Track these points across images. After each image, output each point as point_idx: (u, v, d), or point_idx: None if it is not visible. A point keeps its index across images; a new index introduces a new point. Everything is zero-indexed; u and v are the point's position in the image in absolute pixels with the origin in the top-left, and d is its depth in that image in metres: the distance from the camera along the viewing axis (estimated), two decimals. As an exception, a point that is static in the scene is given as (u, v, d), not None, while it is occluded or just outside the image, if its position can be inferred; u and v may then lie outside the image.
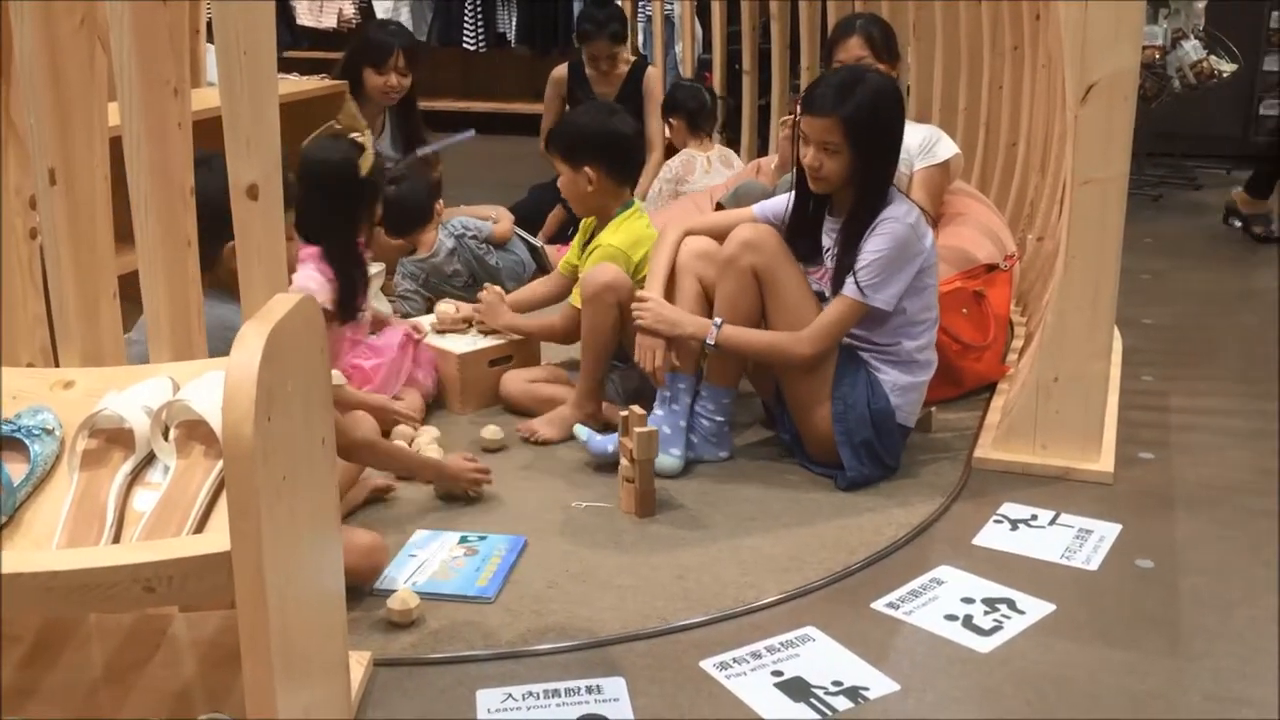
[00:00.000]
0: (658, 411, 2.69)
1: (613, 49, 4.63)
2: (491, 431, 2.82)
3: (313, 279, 2.73)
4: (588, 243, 3.11)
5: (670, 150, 4.59)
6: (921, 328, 2.61)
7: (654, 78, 4.73)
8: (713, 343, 2.59)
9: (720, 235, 2.68)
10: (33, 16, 1.69)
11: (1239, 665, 1.96)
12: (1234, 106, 5.93)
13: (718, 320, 2.58)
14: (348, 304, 2.81)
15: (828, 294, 2.62)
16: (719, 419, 2.72)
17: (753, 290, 2.59)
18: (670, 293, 2.70)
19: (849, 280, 2.52)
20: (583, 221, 3.20)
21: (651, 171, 4.64)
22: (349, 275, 2.81)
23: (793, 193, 2.67)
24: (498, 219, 4.01)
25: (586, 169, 3.00)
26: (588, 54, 4.67)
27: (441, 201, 3.91)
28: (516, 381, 3.04)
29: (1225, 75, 5.46)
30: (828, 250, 2.64)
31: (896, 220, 2.52)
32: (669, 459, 2.64)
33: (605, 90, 4.70)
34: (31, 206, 1.85)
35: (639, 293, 2.67)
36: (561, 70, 4.84)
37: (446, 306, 3.29)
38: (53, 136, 1.75)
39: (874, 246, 2.51)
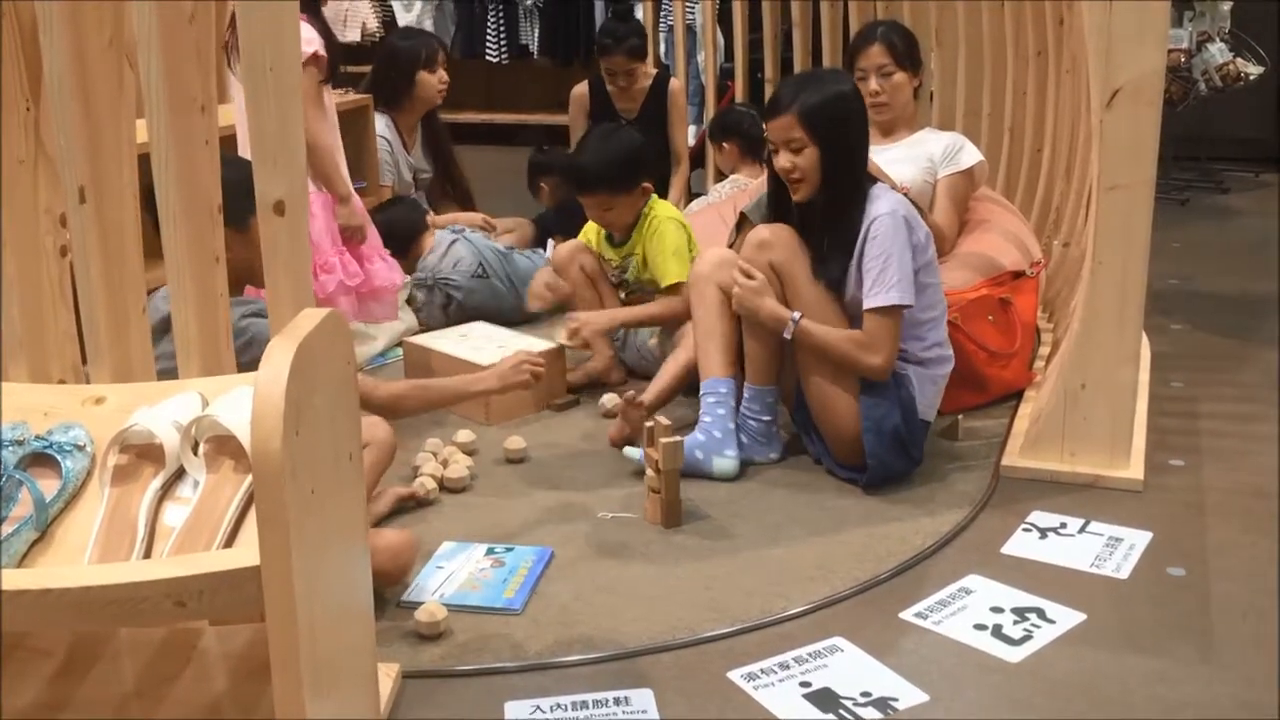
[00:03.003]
0: (705, 417, 2.70)
1: (630, 64, 4.59)
2: (515, 442, 2.83)
3: (302, 26, 2.89)
4: (621, 242, 3.27)
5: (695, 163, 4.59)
6: (926, 328, 2.61)
7: (677, 90, 4.72)
8: (789, 336, 2.59)
9: None
10: (62, 35, 1.71)
11: (1271, 673, 1.94)
12: (1261, 109, 5.88)
13: (795, 315, 2.58)
14: (332, 58, 2.98)
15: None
16: (765, 419, 2.73)
17: (775, 286, 2.61)
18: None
19: (875, 293, 2.51)
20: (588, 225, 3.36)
21: (680, 184, 4.65)
22: (325, 26, 3.00)
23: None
24: (514, 228, 4.07)
25: (642, 186, 3.20)
26: (605, 69, 4.65)
27: (431, 213, 3.99)
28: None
29: (1252, 78, 5.41)
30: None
31: (885, 215, 2.52)
32: (725, 461, 2.67)
33: (628, 105, 4.70)
34: (62, 224, 1.87)
35: (749, 269, 2.63)
36: (582, 88, 4.83)
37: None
38: (82, 155, 1.77)
39: (875, 252, 2.51)
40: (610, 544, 2.41)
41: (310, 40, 2.91)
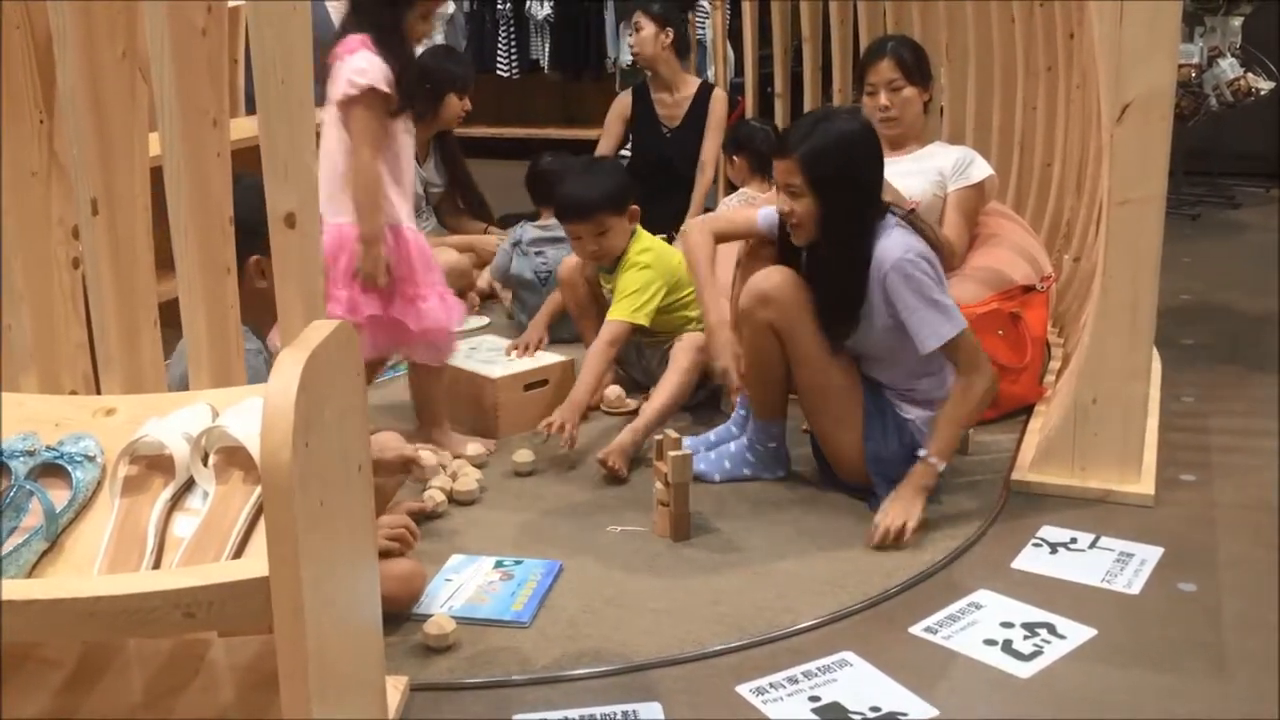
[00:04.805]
0: (727, 446, 2.80)
1: (641, 21, 4.65)
2: (524, 455, 2.83)
3: (366, 59, 2.68)
4: (612, 269, 3.25)
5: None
6: (936, 364, 2.56)
7: (719, 100, 4.76)
8: (943, 468, 2.50)
9: (739, 236, 2.78)
10: (75, 49, 1.72)
11: (1285, 690, 1.93)
12: (1272, 124, 5.86)
13: (922, 453, 2.49)
14: (404, 88, 2.74)
15: None
16: (772, 445, 2.74)
17: (772, 340, 2.59)
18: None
19: (928, 337, 2.44)
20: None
21: (700, 193, 4.67)
22: (401, 59, 2.73)
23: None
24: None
25: (631, 208, 3.20)
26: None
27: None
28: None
29: (1263, 93, 5.41)
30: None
31: (893, 273, 2.43)
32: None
33: (672, 113, 4.74)
34: (74, 236, 1.88)
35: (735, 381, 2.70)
36: (625, 95, 4.91)
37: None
38: (95, 167, 1.78)
39: (902, 305, 2.45)
40: (619, 557, 2.41)
41: (364, 71, 2.67)
